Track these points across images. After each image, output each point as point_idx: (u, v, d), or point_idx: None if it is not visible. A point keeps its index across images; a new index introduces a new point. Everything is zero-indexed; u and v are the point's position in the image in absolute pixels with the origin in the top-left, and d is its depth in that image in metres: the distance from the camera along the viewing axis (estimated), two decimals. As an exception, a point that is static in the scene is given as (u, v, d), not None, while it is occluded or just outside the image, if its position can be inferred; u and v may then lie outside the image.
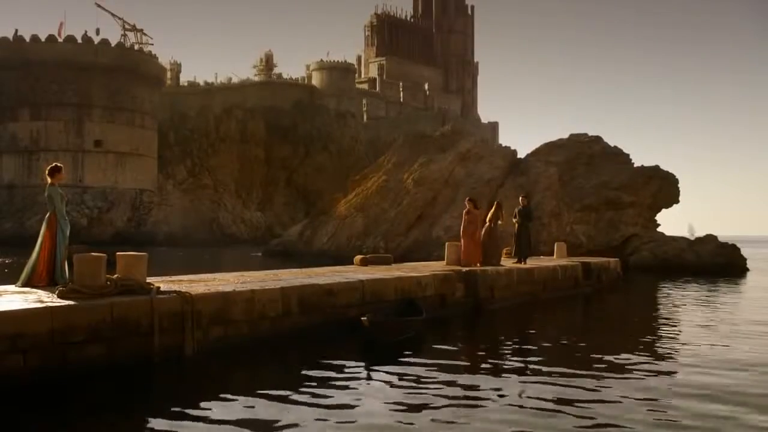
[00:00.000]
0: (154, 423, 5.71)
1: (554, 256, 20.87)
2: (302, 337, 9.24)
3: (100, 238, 50.99)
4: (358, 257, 15.71)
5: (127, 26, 70.85)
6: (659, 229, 31.73)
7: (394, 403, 6.34)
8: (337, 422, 5.71)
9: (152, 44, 75.36)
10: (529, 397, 6.55)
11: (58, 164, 9.35)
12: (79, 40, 62.84)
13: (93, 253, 8.24)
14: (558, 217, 29.53)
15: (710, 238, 29.61)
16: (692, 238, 30.55)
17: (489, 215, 16.19)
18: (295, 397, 6.48)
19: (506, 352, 9.71)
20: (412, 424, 5.70)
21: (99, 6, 69.69)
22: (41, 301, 7.26)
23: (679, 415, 6.00)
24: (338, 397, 6.51)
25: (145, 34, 71.81)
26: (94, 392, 6.69)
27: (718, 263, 27.30)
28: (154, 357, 7.56)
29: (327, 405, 6.20)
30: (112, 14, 70.97)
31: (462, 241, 15.20)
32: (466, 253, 15.03)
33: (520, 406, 6.25)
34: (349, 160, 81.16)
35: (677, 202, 32.51)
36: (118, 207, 62.04)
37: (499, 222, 16.18)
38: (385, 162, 36.91)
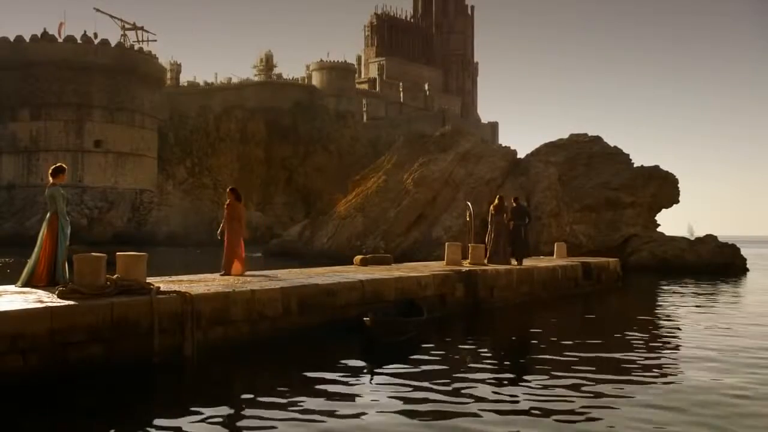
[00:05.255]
0: (154, 423, 5.71)
1: (554, 256, 20.90)
2: (302, 337, 9.23)
3: (100, 238, 50.89)
4: (357, 257, 15.72)
5: (126, 26, 70.75)
6: (659, 229, 31.75)
7: (395, 403, 6.34)
8: (337, 422, 5.71)
9: (155, 40, 75.32)
10: (528, 397, 6.56)
11: (62, 165, 9.40)
12: (79, 40, 62.82)
13: (93, 253, 8.24)
14: (558, 217, 29.52)
15: (710, 238, 29.62)
16: (692, 238, 30.56)
17: (492, 209, 16.29)
18: (295, 397, 6.48)
19: (506, 352, 9.72)
20: (412, 424, 5.70)
21: (98, 10, 69.64)
22: (41, 301, 7.25)
23: (680, 414, 6.00)
24: (338, 397, 6.51)
25: (146, 31, 71.70)
26: (94, 392, 6.69)
27: (718, 263, 27.33)
28: (154, 357, 7.56)
29: (327, 405, 6.20)
30: (111, 16, 70.90)
31: (224, 241, 11.83)
32: (226, 263, 11.72)
33: (520, 406, 6.25)
34: (349, 160, 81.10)
35: (677, 202, 32.55)
36: (118, 207, 61.98)
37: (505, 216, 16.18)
38: (385, 162, 36.89)
